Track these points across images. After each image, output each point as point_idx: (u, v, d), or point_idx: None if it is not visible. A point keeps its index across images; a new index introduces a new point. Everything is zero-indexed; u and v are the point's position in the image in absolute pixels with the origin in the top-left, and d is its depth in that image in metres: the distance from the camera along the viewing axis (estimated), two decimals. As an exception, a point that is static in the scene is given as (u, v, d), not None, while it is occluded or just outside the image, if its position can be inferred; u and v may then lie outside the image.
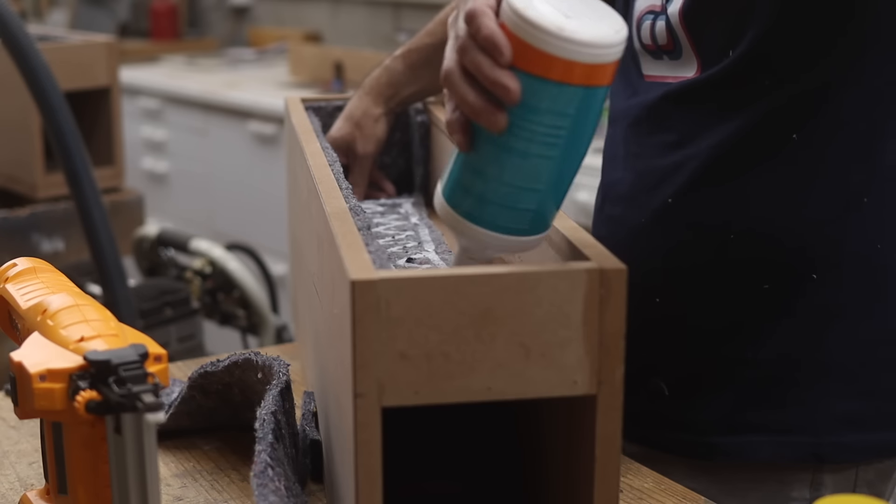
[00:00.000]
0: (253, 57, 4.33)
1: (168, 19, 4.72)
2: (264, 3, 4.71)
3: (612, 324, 0.79)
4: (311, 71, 3.76)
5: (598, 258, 0.81)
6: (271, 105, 3.49)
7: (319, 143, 1.14)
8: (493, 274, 0.77)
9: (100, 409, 0.79)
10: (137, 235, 2.66)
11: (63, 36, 2.94)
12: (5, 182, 2.66)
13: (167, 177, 4.04)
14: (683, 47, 1.10)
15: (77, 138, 1.80)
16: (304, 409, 1.11)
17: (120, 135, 2.69)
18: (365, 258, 0.79)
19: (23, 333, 0.90)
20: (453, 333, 0.77)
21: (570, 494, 0.86)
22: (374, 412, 0.77)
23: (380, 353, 0.77)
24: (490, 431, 1.00)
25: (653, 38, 1.13)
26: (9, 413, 1.20)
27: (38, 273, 0.95)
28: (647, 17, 1.14)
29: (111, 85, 2.64)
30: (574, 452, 0.84)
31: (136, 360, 0.80)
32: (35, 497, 0.93)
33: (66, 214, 2.44)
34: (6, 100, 2.54)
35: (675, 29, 1.10)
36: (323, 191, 0.96)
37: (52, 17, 4.91)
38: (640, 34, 1.15)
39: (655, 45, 1.13)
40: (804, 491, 1.10)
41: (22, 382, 0.81)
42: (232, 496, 1.05)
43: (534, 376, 0.79)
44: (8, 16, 1.77)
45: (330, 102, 1.41)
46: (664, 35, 1.11)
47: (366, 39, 4.22)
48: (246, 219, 3.69)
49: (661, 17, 1.12)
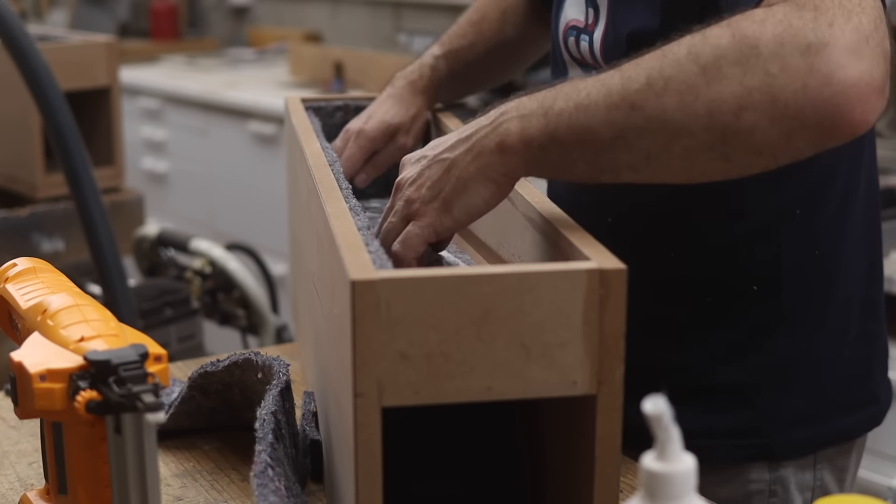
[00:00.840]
0: (253, 57, 4.33)
1: (168, 19, 4.72)
2: (264, 3, 4.71)
3: (612, 324, 0.79)
4: (311, 71, 3.76)
5: (598, 258, 0.81)
6: (271, 105, 3.49)
7: (319, 143, 1.14)
8: (493, 274, 0.77)
9: (100, 409, 0.79)
10: (137, 235, 2.66)
11: (63, 36, 2.94)
12: (5, 182, 2.66)
13: (167, 177, 4.04)
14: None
15: (77, 138, 1.80)
16: (304, 409, 1.11)
17: (120, 135, 2.69)
18: (365, 258, 0.79)
19: (23, 333, 0.90)
20: (453, 333, 0.77)
21: (570, 494, 0.86)
22: (374, 412, 0.77)
23: (380, 353, 0.77)
24: (490, 431, 1.00)
25: (580, 54, 1.15)
26: (9, 413, 1.20)
27: (38, 273, 0.95)
28: (571, 31, 1.16)
29: (111, 85, 2.63)
30: (574, 452, 0.84)
31: (136, 360, 0.80)
32: (35, 497, 0.93)
33: (66, 214, 2.44)
34: (6, 100, 2.54)
35: (596, 55, 1.12)
36: (323, 191, 0.96)
37: (52, 17, 4.91)
38: (567, 46, 1.17)
39: (583, 59, 1.15)
40: (763, 472, 1.12)
41: (22, 382, 0.81)
42: (232, 496, 1.05)
43: (534, 376, 0.79)
44: (8, 16, 1.77)
45: (330, 102, 1.41)
46: (588, 55, 1.13)
47: (366, 39, 4.22)
48: (246, 219, 3.68)
49: (584, 38, 1.13)
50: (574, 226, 0.89)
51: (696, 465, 0.63)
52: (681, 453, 0.63)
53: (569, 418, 0.84)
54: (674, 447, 0.62)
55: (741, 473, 1.12)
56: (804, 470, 1.13)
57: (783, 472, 1.12)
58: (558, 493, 0.89)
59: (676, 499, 0.62)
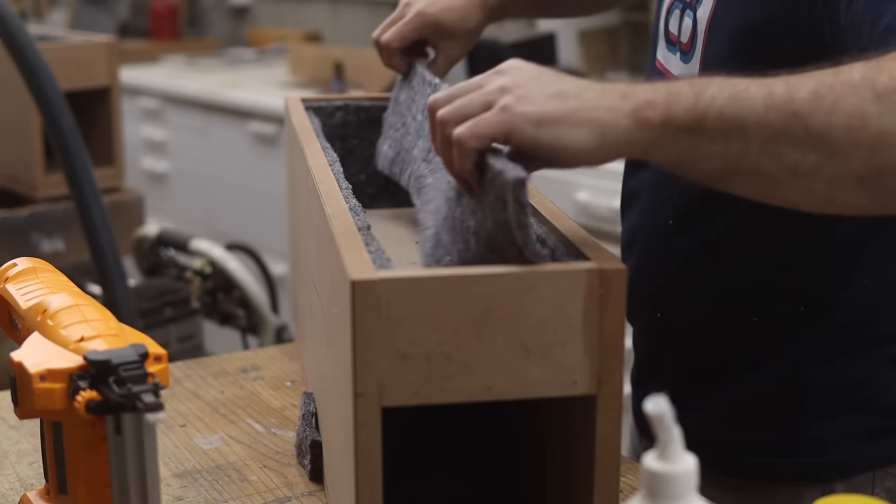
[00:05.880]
0: (253, 57, 4.33)
1: (168, 19, 4.72)
2: (264, 3, 4.70)
3: (612, 324, 0.79)
4: (311, 71, 3.75)
5: (598, 258, 0.81)
6: (271, 105, 3.49)
7: (319, 143, 1.14)
8: (493, 274, 0.77)
9: (100, 409, 0.79)
10: (137, 235, 2.66)
11: (63, 36, 2.93)
12: (5, 182, 2.66)
13: (167, 177, 4.04)
14: (696, 55, 1.08)
15: (77, 138, 1.80)
16: (304, 410, 1.11)
17: (120, 135, 2.69)
18: (365, 258, 0.79)
19: (23, 333, 0.90)
20: (453, 333, 0.77)
21: (570, 494, 0.86)
22: (374, 412, 0.77)
23: (380, 353, 0.77)
24: (490, 431, 1.00)
25: (679, 30, 1.10)
26: (9, 413, 1.20)
27: (38, 273, 0.95)
28: (677, 4, 1.11)
29: (111, 85, 2.63)
30: (574, 452, 0.84)
31: (136, 360, 0.80)
32: (35, 497, 0.93)
33: (66, 214, 2.44)
34: (6, 100, 2.54)
35: (698, 35, 1.07)
36: (323, 191, 0.96)
37: (52, 17, 4.90)
38: (669, 21, 1.12)
39: (678, 38, 1.10)
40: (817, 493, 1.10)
41: (22, 382, 0.81)
42: (232, 496, 1.05)
43: (534, 376, 0.79)
44: (8, 16, 1.77)
45: (330, 102, 1.41)
46: (688, 34, 1.08)
47: (366, 39, 4.19)
48: (246, 219, 3.68)
49: (689, 14, 1.08)
50: (574, 226, 0.89)
51: (697, 464, 0.63)
52: (682, 453, 0.63)
53: (569, 418, 0.84)
54: (675, 447, 0.62)
55: (793, 498, 1.10)
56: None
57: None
58: (558, 493, 0.89)
59: (678, 499, 0.62)
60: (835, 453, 1.10)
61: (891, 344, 1.09)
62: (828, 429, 1.09)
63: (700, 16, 1.06)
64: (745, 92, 0.80)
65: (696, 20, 1.07)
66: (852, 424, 1.10)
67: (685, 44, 1.09)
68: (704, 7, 1.06)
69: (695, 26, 1.07)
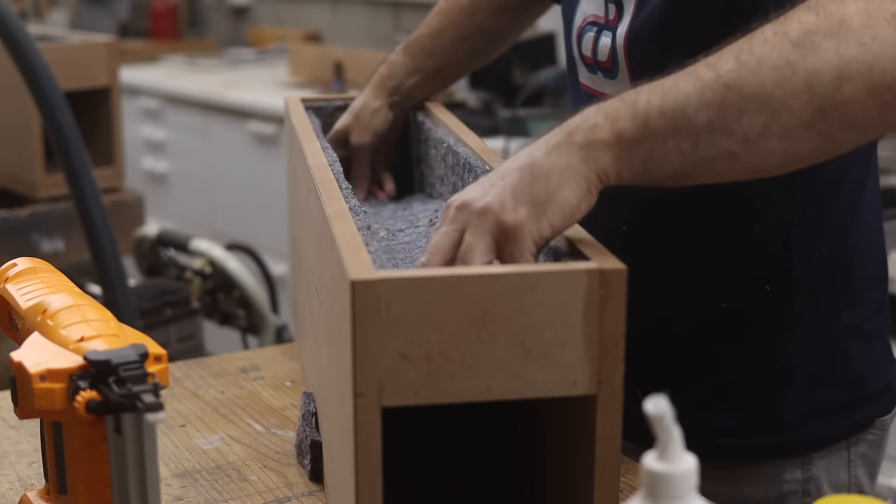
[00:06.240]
0: (253, 57, 4.33)
1: (168, 19, 4.72)
2: (264, 3, 4.71)
3: (612, 324, 0.79)
4: (311, 71, 3.76)
5: (598, 258, 0.81)
6: (271, 105, 3.49)
7: (319, 143, 1.14)
8: (493, 274, 0.77)
9: (100, 409, 0.79)
10: (137, 235, 2.66)
11: (63, 36, 2.94)
12: (5, 182, 2.66)
13: (167, 177, 4.04)
14: (620, 70, 1.09)
15: (77, 138, 1.80)
16: (304, 410, 1.11)
17: (120, 135, 2.69)
18: (365, 258, 0.79)
19: (23, 333, 0.90)
20: (453, 333, 0.77)
21: (570, 494, 0.86)
22: (374, 412, 0.77)
23: (380, 353, 0.77)
24: (490, 431, 1.00)
25: (593, 52, 1.12)
26: (9, 413, 1.20)
27: (38, 273, 0.95)
28: (589, 27, 1.13)
29: (111, 85, 2.64)
30: (574, 452, 0.84)
31: (136, 360, 0.80)
32: (35, 497, 0.93)
33: (66, 214, 2.44)
34: (6, 100, 2.54)
35: (618, 51, 1.09)
36: (323, 191, 0.96)
37: (52, 17, 4.90)
38: (581, 44, 1.14)
39: (594, 59, 1.12)
40: (795, 471, 1.12)
41: (22, 382, 0.81)
42: (232, 496, 1.05)
43: (534, 376, 0.79)
44: (8, 16, 1.77)
45: (330, 102, 1.41)
46: (606, 53, 1.10)
47: (366, 39, 4.22)
48: (246, 219, 3.68)
49: (607, 34, 1.10)
50: (574, 226, 0.89)
51: (697, 464, 0.63)
52: (682, 453, 0.63)
53: (569, 418, 0.84)
54: (675, 447, 0.62)
55: (774, 473, 1.12)
56: (838, 469, 1.13)
57: (815, 472, 1.12)
58: (558, 493, 0.89)
59: (677, 499, 0.62)
60: (812, 427, 1.12)
61: (850, 309, 1.12)
62: (803, 403, 1.11)
63: (619, 32, 1.09)
64: (674, 86, 0.84)
65: (615, 37, 1.09)
66: (826, 397, 1.12)
67: (604, 62, 1.11)
68: (623, 24, 1.09)
69: (614, 43, 1.09)
